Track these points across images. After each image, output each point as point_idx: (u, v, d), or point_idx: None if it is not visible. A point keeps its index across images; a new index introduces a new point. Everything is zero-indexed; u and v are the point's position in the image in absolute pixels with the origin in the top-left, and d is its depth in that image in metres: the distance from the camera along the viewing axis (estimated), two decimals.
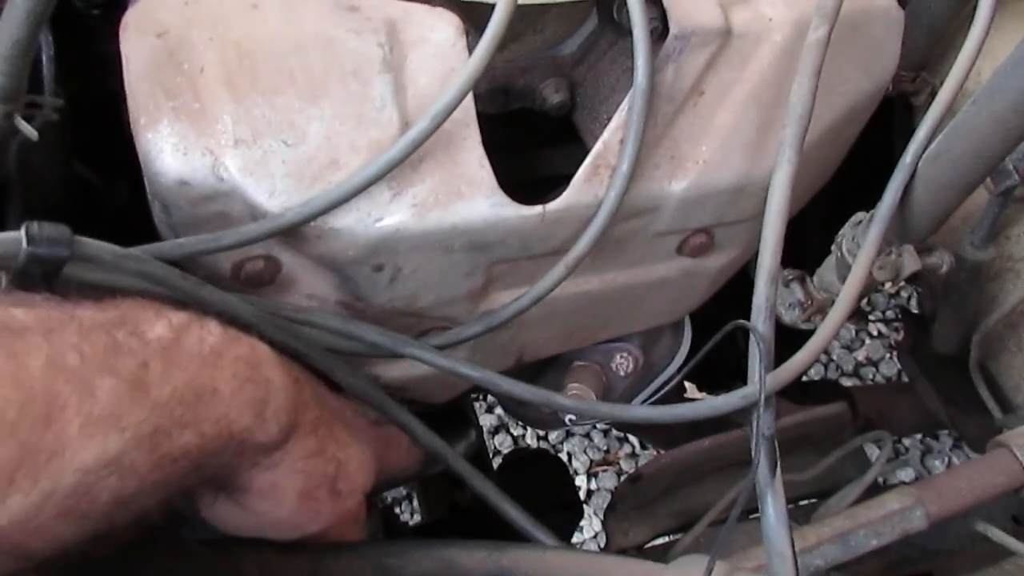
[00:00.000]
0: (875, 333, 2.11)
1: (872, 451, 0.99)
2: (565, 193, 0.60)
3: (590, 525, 1.78)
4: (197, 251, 0.50)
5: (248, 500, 0.44)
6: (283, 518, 0.45)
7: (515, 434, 1.94)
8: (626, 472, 1.92)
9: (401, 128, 0.55)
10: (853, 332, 2.11)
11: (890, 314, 2.13)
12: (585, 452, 1.94)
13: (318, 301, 0.61)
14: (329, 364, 0.54)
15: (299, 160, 0.53)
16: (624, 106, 0.59)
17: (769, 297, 0.56)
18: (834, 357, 2.08)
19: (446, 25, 0.56)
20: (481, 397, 1.64)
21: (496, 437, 1.90)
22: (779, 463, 0.54)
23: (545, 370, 0.82)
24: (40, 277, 0.40)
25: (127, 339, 0.36)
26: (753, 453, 0.54)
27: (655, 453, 1.63)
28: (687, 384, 1.18)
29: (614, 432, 1.99)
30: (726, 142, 0.63)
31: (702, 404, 0.55)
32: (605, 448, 1.97)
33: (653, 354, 0.82)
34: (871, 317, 2.13)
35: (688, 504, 0.87)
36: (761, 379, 0.54)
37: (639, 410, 0.58)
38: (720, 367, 0.96)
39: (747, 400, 0.54)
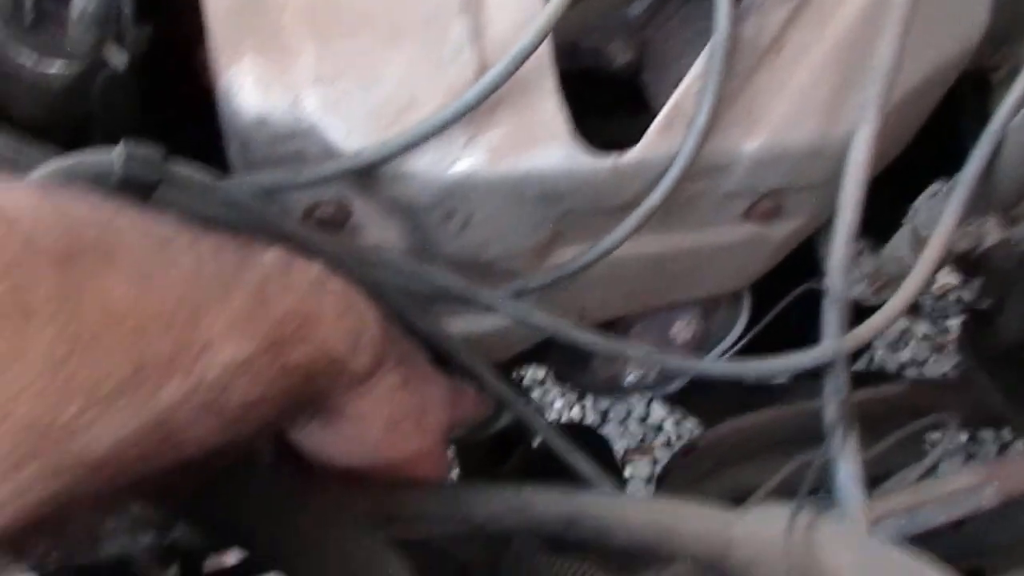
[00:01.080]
0: (921, 334, 2.07)
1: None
2: (639, 145, 0.59)
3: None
4: (275, 186, 0.51)
5: (339, 425, 0.46)
6: (369, 445, 0.46)
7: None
8: (660, 461, 1.91)
9: (478, 72, 0.54)
10: (898, 332, 2.07)
11: (936, 317, 2.09)
12: (620, 439, 1.93)
13: (387, 247, 0.61)
14: (403, 305, 0.54)
15: (377, 101, 0.53)
16: (703, 57, 0.58)
17: (846, 257, 0.55)
18: (877, 357, 2.04)
19: None
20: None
21: None
22: (854, 426, 0.53)
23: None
24: (134, 199, 0.40)
25: (248, 258, 0.39)
26: (825, 413, 0.53)
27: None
28: None
29: (650, 420, 1.97)
30: (802, 102, 0.61)
31: (777, 361, 0.54)
32: (640, 436, 1.95)
33: (711, 324, 0.81)
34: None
35: (739, 482, 0.86)
36: (838, 338, 0.52)
37: (715, 364, 0.57)
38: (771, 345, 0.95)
39: (822, 359, 0.53)
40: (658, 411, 2.02)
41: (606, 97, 0.70)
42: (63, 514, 0.32)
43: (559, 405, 1.95)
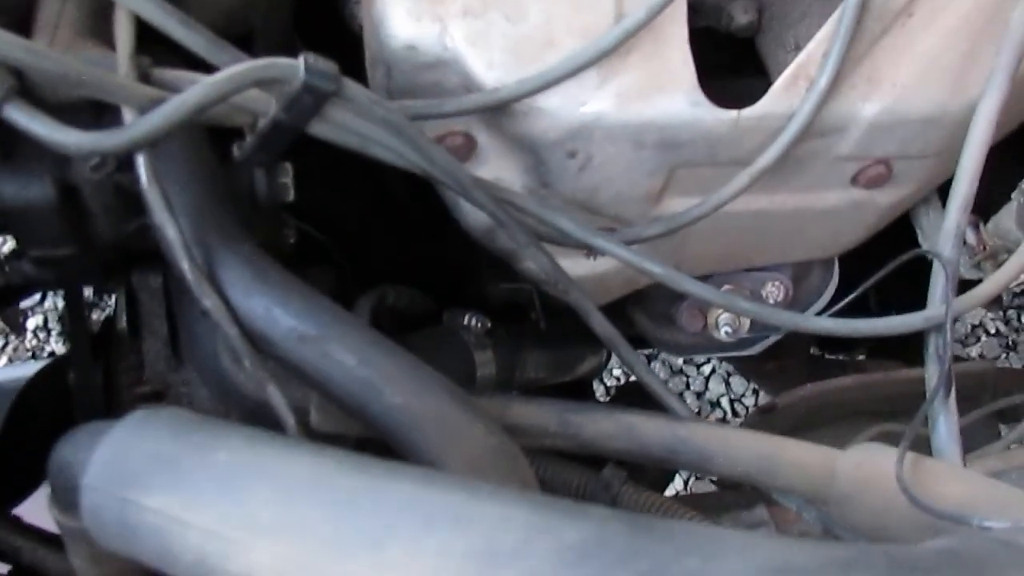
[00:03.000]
0: (993, 331, 2.03)
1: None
2: (761, 100, 0.60)
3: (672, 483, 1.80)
4: (422, 114, 0.54)
5: None
6: None
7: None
8: None
9: (615, 17, 0.56)
10: (969, 327, 2.04)
11: (1011, 313, 2.05)
12: None
13: (504, 183, 0.64)
14: (523, 240, 0.57)
15: (518, 37, 0.55)
16: (833, 18, 0.59)
17: (960, 224, 0.56)
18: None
19: None
20: None
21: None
22: (953, 388, 0.54)
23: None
24: (308, 108, 0.43)
25: None
26: (929, 376, 0.54)
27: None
28: None
29: (707, 396, 1.98)
30: (927, 69, 0.62)
31: (882, 321, 0.56)
32: (697, 410, 1.97)
33: (801, 288, 0.82)
34: (990, 315, 2.05)
35: None
36: (948, 301, 0.54)
37: (820, 321, 0.59)
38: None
39: (930, 322, 0.55)
40: (715, 387, 2.03)
41: (724, 56, 0.71)
42: None
43: (616, 374, 1.98)
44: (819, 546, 0.29)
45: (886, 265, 0.60)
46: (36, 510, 0.70)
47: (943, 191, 0.67)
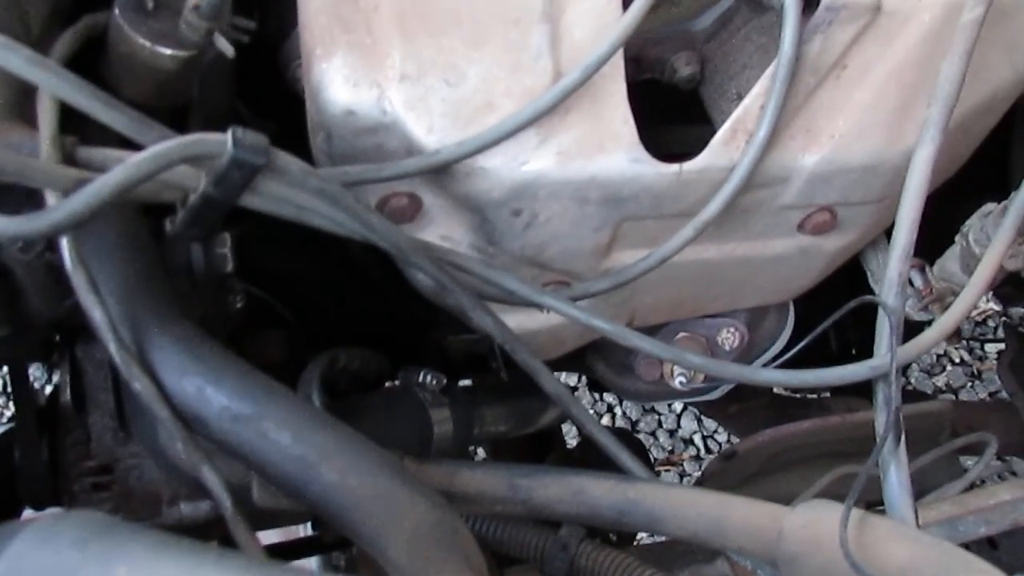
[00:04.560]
0: (958, 360, 2.06)
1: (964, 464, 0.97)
2: (702, 154, 0.61)
3: None
4: (361, 179, 0.53)
5: None
6: None
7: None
8: (689, 474, 1.91)
9: (554, 77, 0.57)
10: (934, 357, 2.06)
11: (973, 343, 2.07)
12: (650, 451, 1.94)
13: (451, 243, 0.64)
14: (468, 303, 0.56)
15: (457, 100, 0.56)
16: (768, 72, 0.60)
17: (902, 272, 0.57)
18: (912, 381, 2.03)
19: None
20: None
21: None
22: (903, 436, 0.54)
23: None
24: (238, 182, 0.43)
25: None
26: (878, 425, 0.54)
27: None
28: None
29: (680, 433, 1.98)
30: (863, 119, 0.63)
31: (830, 372, 0.56)
32: (670, 448, 1.96)
33: (757, 333, 0.83)
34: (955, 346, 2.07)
35: (778, 490, 0.87)
36: (892, 350, 0.54)
37: (768, 373, 0.59)
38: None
39: (876, 371, 0.55)
40: (688, 424, 2.02)
41: (665, 106, 0.72)
42: None
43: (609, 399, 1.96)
44: None
45: (841, 307, 0.61)
46: None
47: (891, 233, 0.68)
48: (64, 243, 0.42)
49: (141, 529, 0.30)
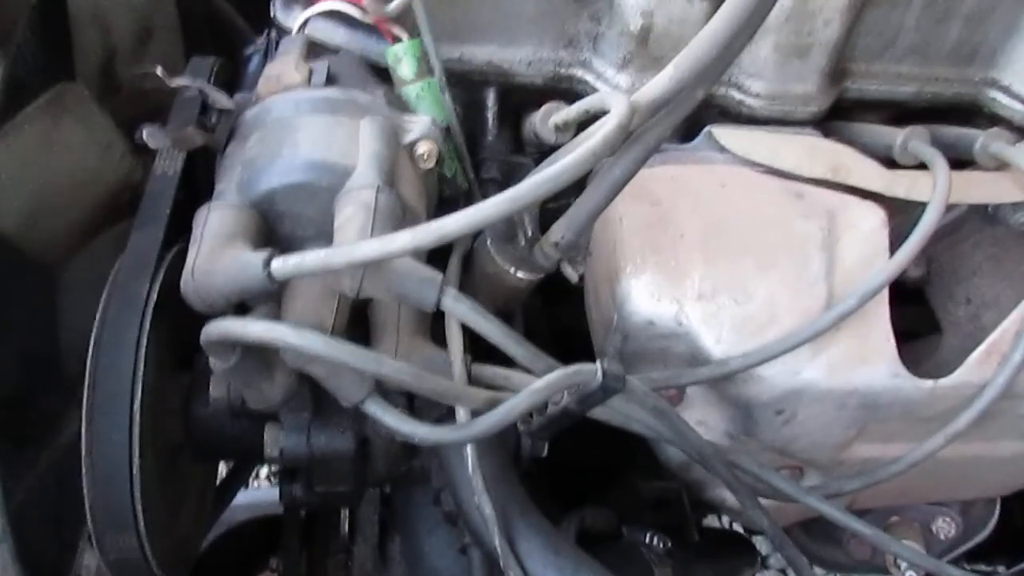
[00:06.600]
0: None
1: None
2: (958, 371, 0.66)
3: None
4: (666, 384, 0.61)
5: None
6: None
7: None
8: None
9: (827, 299, 0.64)
10: None
11: None
12: None
13: (706, 428, 0.70)
14: (748, 503, 0.63)
15: (744, 316, 0.63)
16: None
17: None
18: None
19: (874, 216, 0.65)
20: None
21: None
22: None
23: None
24: (597, 400, 0.51)
25: None
26: None
27: None
28: None
29: None
30: None
31: None
32: None
33: (967, 519, 0.85)
34: None
35: None
36: None
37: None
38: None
39: None
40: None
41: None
42: None
43: None
44: None
45: None
46: None
47: None
48: (468, 450, 0.50)
49: None
